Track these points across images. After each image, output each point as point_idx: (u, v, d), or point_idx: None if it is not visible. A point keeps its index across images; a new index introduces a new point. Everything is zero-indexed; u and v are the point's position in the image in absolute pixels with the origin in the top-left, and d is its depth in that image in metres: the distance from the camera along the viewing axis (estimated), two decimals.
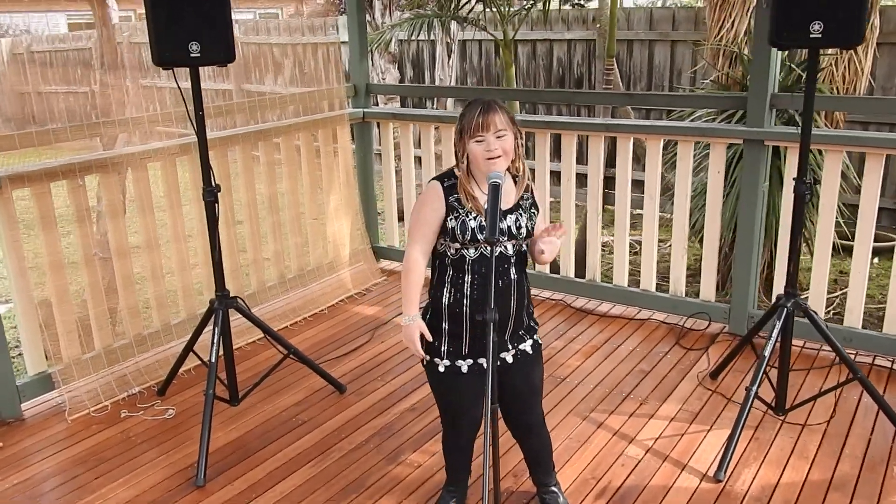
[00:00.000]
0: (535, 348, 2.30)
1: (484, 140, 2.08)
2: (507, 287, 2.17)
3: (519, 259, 2.20)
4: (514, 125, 2.13)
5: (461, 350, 2.22)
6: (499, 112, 2.09)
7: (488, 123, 2.07)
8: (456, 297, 2.19)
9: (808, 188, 2.61)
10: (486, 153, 2.09)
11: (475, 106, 2.11)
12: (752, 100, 3.39)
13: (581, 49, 7.34)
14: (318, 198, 4.40)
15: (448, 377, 2.25)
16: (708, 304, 3.83)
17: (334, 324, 4.06)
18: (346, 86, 4.51)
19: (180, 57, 2.57)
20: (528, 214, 2.19)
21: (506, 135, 2.09)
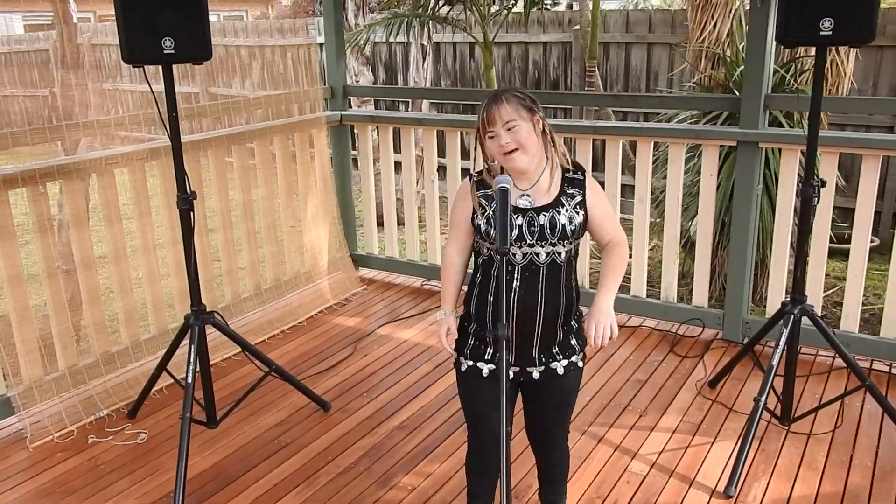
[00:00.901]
0: (570, 371, 2.09)
1: (496, 135, 1.94)
2: (531, 296, 1.99)
3: (554, 266, 1.99)
4: (530, 112, 1.96)
5: (484, 353, 2.08)
6: (505, 103, 1.94)
7: (493, 117, 1.92)
8: (480, 301, 2.05)
9: (816, 190, 2.51)
10: (499, 148, 1.94)
11: (487, 99, 1.97)
12: (746, 101, 3.30)
13: (557, 52, 7.24)
14: (295, 204, 4.21)
15: (469, 377, 2.11)
16: (701, 309, 3.73)
17: (314, 336, 3.87)
18: (323, 88, 4.33)
19: (153, 54, 2.38)
20: (571, 214, 1.98)
21: (517, 125, 1.93)
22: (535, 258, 1.98)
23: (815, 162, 2.51)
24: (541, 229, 1.97)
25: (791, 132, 3.24)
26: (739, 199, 3.43)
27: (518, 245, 1.97)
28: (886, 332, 3.31)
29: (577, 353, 2.10)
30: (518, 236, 1.97)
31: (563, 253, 1.98)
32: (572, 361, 2.09)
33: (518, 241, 1.97)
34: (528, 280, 1.98)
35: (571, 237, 1.98)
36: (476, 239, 2.06)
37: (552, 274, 1.99)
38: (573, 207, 1.99)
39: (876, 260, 5.71)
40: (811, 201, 2.53)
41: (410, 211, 4.48)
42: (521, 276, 1.98)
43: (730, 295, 3.58)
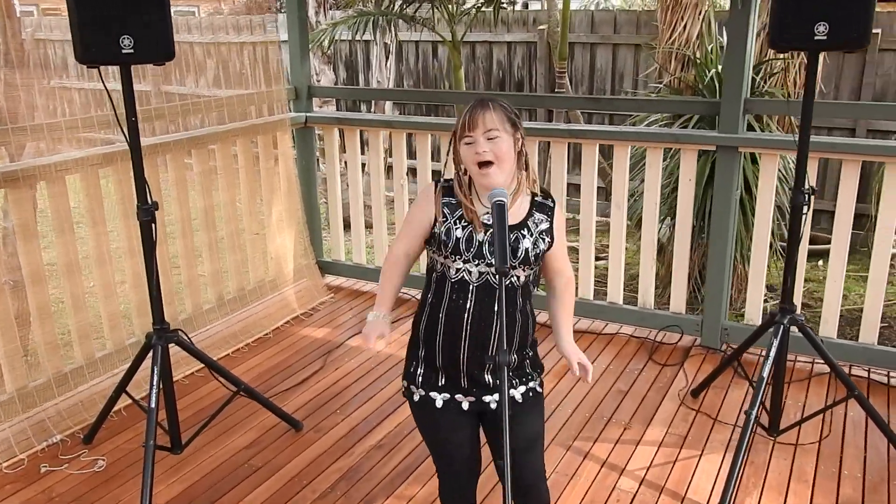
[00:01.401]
0: (530, 398, 1.95)
1: (474, 141, 1.81)
2: (486, 319, 1.86)
3: (511, 289, 1.87)
4: (513, 127, 1.85)
5: (436, 382, 1.94)
6: (492, 110, 1.82)
7: (476, 121, 1.80)
8: (431, 322, 1.91)
9: (807, 198, 2.45)
10: (474, 156, 1.81)
11: (472, 103, 1.85)
12: (726, 105, 3.24)
13: (521, 52, 7.16)
14: (259, 210, 4.03)
15: (423, 408, 1.97)
16: (679, 316, 3.66)
17: (281, 349, 3.70)
18: (287, 88, 4.16)
19: (110, 53, 2.20)
20: (536, 239, 1.88)
21: (498, 136, 1.81)
22: (491, 279, 1.85)
23: (805, 169, 2.44)
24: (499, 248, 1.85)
25: (773, 137, 3.19)
26: (719, 204, 3.37)
27: (475, 262, 1.85)
28: (865, 337, 3.28)
29: (535, 380, 1.97)
30: (476, 253, 1.85)
31: (521, 277, 1.87)
32: (530, 387, 1.95)
33: (476, 259, 1.85)
34: (483, 302, 1.85)
35: (533, 263, 1.87)
36: (430, 252, 1.93)
37: (508, 297, 1.86)
38: (539, 234, 1.88)
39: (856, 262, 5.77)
40: (801, 209, 2.47)
41: (379, 216, 4.33)
42: (476, 297, 1.85)
43: (708, 301, 3.53)
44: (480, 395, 1.91)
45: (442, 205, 1.91)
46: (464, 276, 1.85)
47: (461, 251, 1.85)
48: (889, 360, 3.24)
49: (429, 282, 1.94)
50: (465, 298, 1.85)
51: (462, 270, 1.86)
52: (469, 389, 1.90)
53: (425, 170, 4.07)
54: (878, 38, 5.72)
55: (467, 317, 1.85)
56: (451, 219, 1.88)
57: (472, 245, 1.85)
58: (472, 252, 1.84)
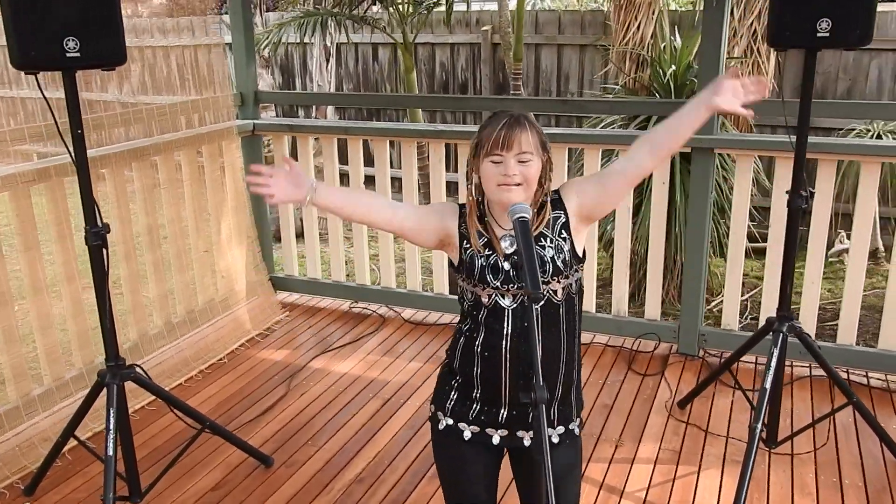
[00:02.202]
0: (566, 441, 1.76)
1: (502, 161, 1.64)
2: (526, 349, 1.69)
3: (551, 306, 1.68)
4: (544, 150, 1.69)
5: (468, 413, 1.77)
6: (528, 130, 1.65)
7: (512, 141, 1.63)
8: (467, 350, 1.75)
9: (806, 201, 2.36)
10: (500, 177, 1.64)
11: (500, 118, 1.67)
12: None
13: (465, 53, 7.01)
14: (206, 226, 3.74)
15: (448, 439, 1.80)
16: (654, 323, 3.57)
17: (239, 375, 3.43)
18: (233, 94, 3.89)
19: (52, 57, 1.92)
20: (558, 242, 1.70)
21: (531, 160, 1.65)
22: (552, 296, 1.69)
23: (803, 170, 2.36)
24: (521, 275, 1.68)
25: (749, 137, 3.13)
26: (694, 207, 3.29)
27: (505, 287, 1.69)
28: (843, 338, 3.25)
29: (574, 420, 1.79)
30: (505, 280, 1.69)
31: (559, 290, 1.70)
32: (569, 430, 1.77)
33: (504, 285, 1.69)
34: (522, 326, 1.69)
35: (565, 269, 1.70)
36: (460, 280, 1.77)
37: (550, 317, 1.70)
38: (557, 234, 1.71)
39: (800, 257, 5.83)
40: (799, 212, 2.39)
41: (335, 227, 4.10)
42: (513, 323, 1.69)
43: (685, 307, 3.44)
44: (515, 430, 1.74)
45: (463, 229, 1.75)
46: (497, 301, 1.69)
47: (487, 280, 1.68)
48: (866, 361, 3.21)
49: (462, 311, 1.78)
50: (502, 324, 1.68)
51: (494, 296, 1.69)
52: (505, 423, 1.73)
53: (384, 177, 3.86)
54: None
55: (506, 343, 1.68)
56: (477, 248, 1.72)
57: (498, 273, 1.68)
58: (499, 279, 1.68)
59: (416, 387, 3.28)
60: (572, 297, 1.73)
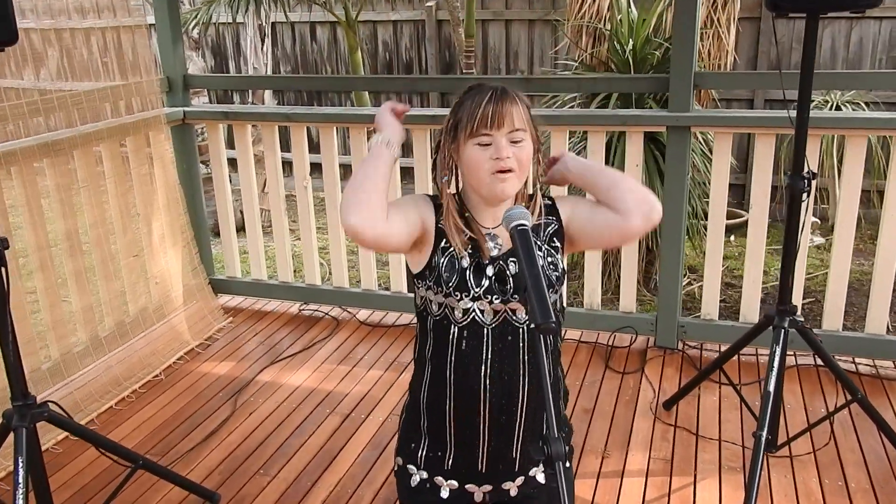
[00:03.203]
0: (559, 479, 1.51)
1: (492, 142, 1.35)
2: (511, 371, 1.42)
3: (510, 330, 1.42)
4: (534, 127, 1.41)
5: (443, 463, 1.49)
6: (518, 103, 1.37)
7: (502, 116, 1.35)
8: (435, 384, 1.46)
9: (807, 183, 2.13)
10: (492, 163, 1.35)
11: (482, 91, 1.38)
12: (676, 81, 2.90)
13: (409, 31, 6.66)
14: (135, 227, 3.35)
15: (422, 496, 1.51)
16: (630, 315, 3.34)
17: (177, 394, 3.07)
18: (159, 78, 3.48)
19: None
20: (547, 250, 1.44)
21: (524, 140, 1.38)
22: (511, 317, 1.41)
23: (804, 149, 2.13)
24: (514, 280, 1.40)
25: (729, 114, 2.90)
26: (670, 189, 3.06)
27: (487, 298, 1.40)
28: (829, 323, 3.07)
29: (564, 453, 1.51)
30: (488, 288, 1.40)
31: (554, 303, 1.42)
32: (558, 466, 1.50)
33: (487, 294, 1.40)
34: (505, 349, 1.41)
35: (556, 284, 1.43)
36: (421, 289, 1.46)
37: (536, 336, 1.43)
38: (548, 243, 1.44)
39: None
40: (801, 196, 2.16)
41: (279, 223, 3.75)
42: (494, 345, 1.41)
43: (662, 297, 3.22)
44: (500, 482, 1.45)
45: (441, 225, 1.44)
46: (474, 316, 1.39)
47: (469, 286, 1.38)
48: (853, 346, 3.04)
49: (424, 331, 1.47)
50: (480, 347, 1.39)
51: (471, 310, 1.39)
52: (487, 475, 1.44)
53: (332, 166, 3.52)
54: None
55: (485, 371, 1.40)
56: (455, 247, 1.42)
57: (482, 279, 1.39)
58: (482, 286, 1.38)
59: (378, 398, 2.98)
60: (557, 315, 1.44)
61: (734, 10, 4.44)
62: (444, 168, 1.43)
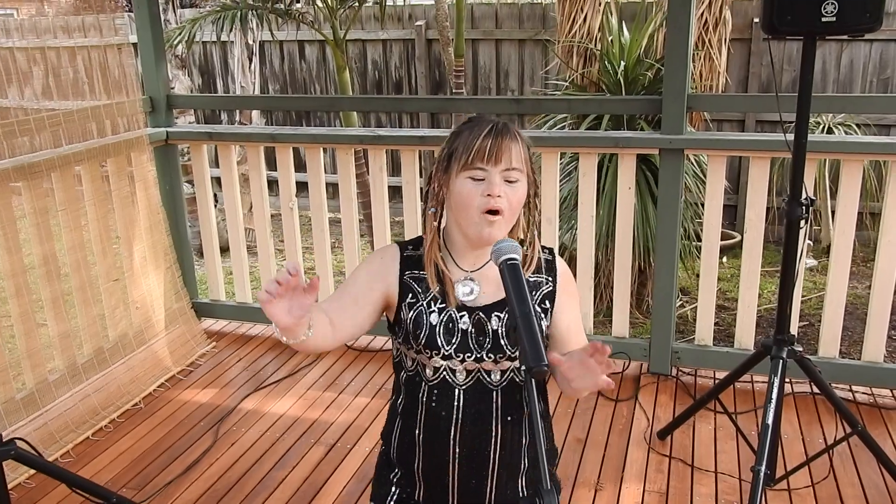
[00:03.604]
0: None
1: (486, 178, 1.29)
2: (481, 434, 1.36)
3: (513, 388, 1.37)
4: (533, 171, 1.36)
5: None
6: (518, 140, 1.32)
7: (500, 152, 1.29)
8: (405, 436, 1.40)
9: (806, 210, 2.08)
10: (482, 200, 1.29)
11: (481, 123, 1.32)
12: (669, 103, 2.86)
13: (398, 50, 6.63)
14: (115, 251, 3.27)
15: None
16: (622, 340, 3.27)
17: (157, 423, 2.97)
18: (142, 98, 3.41)
19: None
20: (540, 305, 1.39)
21: (519, 181, 1.32)
22: (485, 377, 1.35)
23: (802, 174, 2.07)
24: (494, 338, 1.34)
25: (723, 136, 2.86)
26: (663, 214, 3.00)
27: (459, 358, 1.34)
28: (825, 351, 3.01)
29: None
30: (460, 345, 1.34)
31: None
32: None
33: (459, 353, 1.34)
34: (477, 413, 1.35)
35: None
36: (396, 343, 1.42)
37: (511, 400, 1.36)
38: (539, 303, 1.38)
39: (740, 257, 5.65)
40: (798, 223, 2.10)
41: (264, 245, 3.67)
42: (465, 405, 1.35)
43: (656, 322, 3.16)
44: None
45: (407, 278, 1.38)
46: (445, 375, 1.33)
47: (439, 345, 1.32)
48: (850, 374, 2.98)
49: (397, 384, 1.42)
50: (450, 407, 1.34)
51: (442, 369, 1.33)
52: None
53: (318, 185, 3.45)
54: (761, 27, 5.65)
55: (455, 433, 1.34)
56: (424, 300, 1.35)
57: (453, 335, 1.32)
58: (453, 345, 1.32)
59: (364, 427, 2.89)
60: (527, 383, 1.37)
61: (725, 31, 4.42)
62: (433, 199, 1.37)
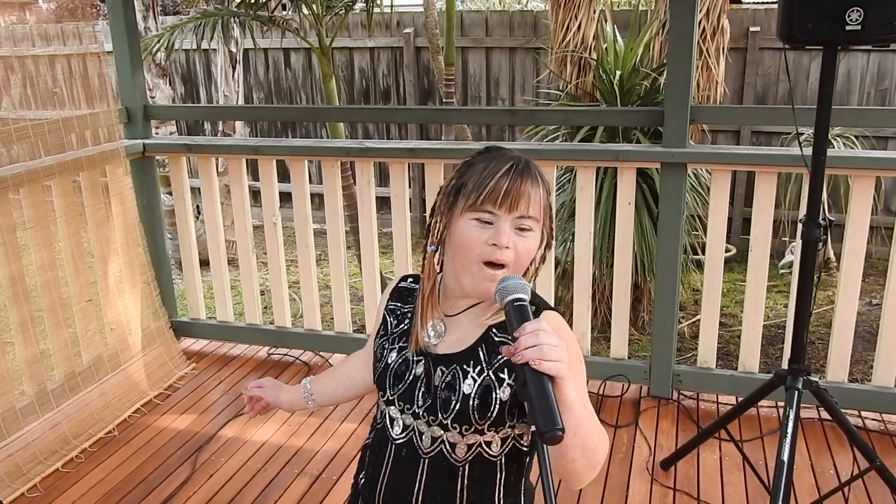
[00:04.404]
0: None
1: (494, 224, 1.14)
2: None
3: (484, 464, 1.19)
4: (549, 218, 1.21)
5: None
6: (539, 185, 1.17)
7: (517, 198, 1.14)
8: (369, 491, 1.25)
9: (824, 231, 1.95)
10: (487, 250, 1.14)
11: (499, 159, 1.18)
12: (671, 114, 2.73)
13: (386, 58, 6.49)
14: (88, 270, 3.10)
15: None
16: (621, 362, 3.13)
17: (132, 453, 2.80)
18: (117, 109, 3.25)
19: None
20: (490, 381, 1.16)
21: (531, 232, 1.17)
22: (448, 452, 1.18)
23: (821, 193, 1.95)
24: (434, 395, 1.17)
25: (728, 150, 2.73)
26: (664, 232, 2.87)
27: (402, 405, 1.20)
28: (834, 375, 2.88)
29: None
30: (405, 394, 1.20)
31: (493, 445, 1.18)
32: None
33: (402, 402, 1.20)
34: (438, 486, 1.18)
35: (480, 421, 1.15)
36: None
37: (478, 478, 1.19)
38: (495, 371, 1.16)
39: (735, 270, 5.55)
40: (816, 245, 1.97)
41: (247, 262, 3.51)
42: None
43: (656, 344, 3.02)
44: None
45: (393, 306, 1.29)
46: (386, 422, 1.20)
47: (385, 386, 1.19)
48: (861, 400, 2.85)
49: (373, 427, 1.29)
50: (413, 476, 1.18)
51: (385, 415, 1.19)
52: None
53: (303, 198, 3.29)
54: (757, 36, 5.56)
55: (380, 490, 1.21)
56: (392, 335, 1.25)
57: (402, 380, 1.17)
58: (399, 390, 1.18)
59: (351, 456, 2.73)
60: (515, 460, 1.21)
61: (724, 39, 4.32)
62: (435, 235, 1.23)
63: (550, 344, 0.96)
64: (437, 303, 1.24)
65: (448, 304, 1.25)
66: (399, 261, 3.17)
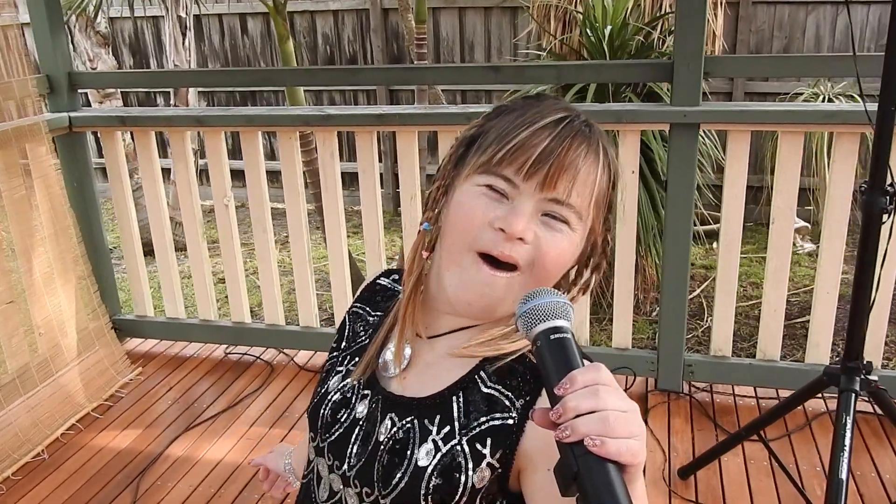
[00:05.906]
0: None
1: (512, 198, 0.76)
2: None
3: None
4: (606, 221, 0.82)
5: None
6: (598, 159, 0.78)
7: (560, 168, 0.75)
8: None
9: (891, 200, 1.58)
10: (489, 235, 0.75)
11: (541, 108, 0.78)
12: (682, 68, 2.34)
13: (351, 22, 6.01)
14: (9, 266, 2.67)
15: None
16: (626, 353, 2.78)
17: (63, 480, 2.40)
18: (36, 78, 2.79)
19: None
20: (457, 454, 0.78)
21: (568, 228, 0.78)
22: None
23: (888, 154, 1.57)
24: (373, 455, 0.81)
25: (748, 107, 2.35)
26: (674, 204, 2.50)
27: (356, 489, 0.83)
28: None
29: None
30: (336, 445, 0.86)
31: None
32: None
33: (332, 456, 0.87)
34: None
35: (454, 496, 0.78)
36: None
37: None
38: (472, 439, 0.78)
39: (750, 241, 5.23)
40: (880, 217, 1.60)
41: (196, 250, 3.08)
42: None
43: (665, 333, 2.67)
44: None
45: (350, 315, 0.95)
46: (317, 465, 0.89)
47: (317, 426, 0.87)
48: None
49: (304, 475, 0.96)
50: None
51: (339, 499, 0.84)
52: None
53: (258, 175, 2.87)
54: None
55: None
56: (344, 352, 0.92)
57: (336, 420, 0.84)
58: (331, 434, 0.85)
59: None
60: None
61: None
62: (431, 208, 0.83)
63: (619, 409, 0.58)
64: (414, 311, 0.85)
65: (428, 318, 0.86)
66: (370, 242, 2.77)
